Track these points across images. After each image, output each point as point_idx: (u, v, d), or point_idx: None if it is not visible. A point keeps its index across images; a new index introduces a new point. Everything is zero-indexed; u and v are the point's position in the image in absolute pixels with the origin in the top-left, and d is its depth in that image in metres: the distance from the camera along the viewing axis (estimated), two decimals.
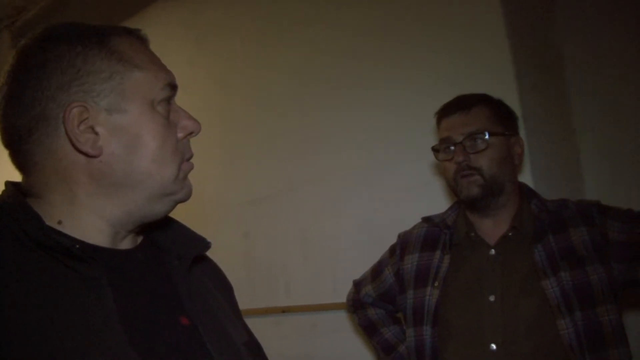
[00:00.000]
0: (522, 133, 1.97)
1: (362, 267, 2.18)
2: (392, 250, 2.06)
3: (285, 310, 2.83)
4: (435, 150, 1.88)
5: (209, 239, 1.15)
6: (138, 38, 1.03)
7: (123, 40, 0.99)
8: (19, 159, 0.98)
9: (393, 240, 2.07)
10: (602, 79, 2.53)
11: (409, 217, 2.07)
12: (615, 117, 2.51)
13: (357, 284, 2.17)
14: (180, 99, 1.08)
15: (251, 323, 1.27)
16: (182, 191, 1.03)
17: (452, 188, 1.86)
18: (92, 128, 0.93)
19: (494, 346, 1.69)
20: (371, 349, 2.43)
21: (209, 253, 1.20)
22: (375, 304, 2.11)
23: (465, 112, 1.82)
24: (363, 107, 2.60)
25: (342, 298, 2.28)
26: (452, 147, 1.81)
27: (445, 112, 1.88)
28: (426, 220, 2.00)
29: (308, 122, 2.79)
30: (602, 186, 2.50)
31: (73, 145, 0.93)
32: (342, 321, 2.65)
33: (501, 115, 1.85)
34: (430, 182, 2.41)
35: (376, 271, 2.10)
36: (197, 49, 3.27)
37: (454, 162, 1.81)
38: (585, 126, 2.58)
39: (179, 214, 1.17)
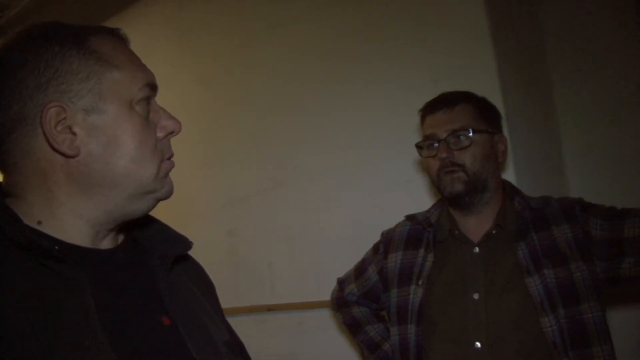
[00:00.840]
0: (505, 130, 1.98)
1: (347, 264, 2.18)
2: (376, 248, 2.05)
3: (270, 309, 2.83)
4: (418, 147, 1.88)
5: (193, 237, 1.15)
6: (117, 37, 1.03)
7: (102, 40, 0.98)
8: None
9: (378, 237, 2.07)
10: (585, 76, 2.55)
11: (394, 215, 2.07)
12: (598, 114, 2.53)
13: (341, 282, 2.16)
14: (163, 98, 1.07)
15: (236, 321, 1.28)
16: (162, 189, 1.03)
17: (436, 185, 1.86)
18: (69, 128, 0.93)
19: (478, 344, 1.69)
20: (356, 347, 2.44)
21: (193, 251, 1.20)
22: (359, 302, 2.10)
23: (450, 110, 1.82)
24: (348, 105, 2.60)
25: (328, 296, 2.28)
26: (436, 144, 1.81)
27: (429, 110, 1.88)
28: (409, 218, 2.00)
29: (293, 120, 2.79)
30: (585, 183, 2.52)
31: (50, 145, 0.93)
32: (328, 319, 2.65)
33: (485, 113, 1.85)
34: (416, 179, 2.41)
35: (360, 269, 2.09)
36: (181, 47, 3.26)
37: (437, 159, 1.81)
38: (568, 123, 2.60)
39: (164, 211, 1.16)
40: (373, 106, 2.52)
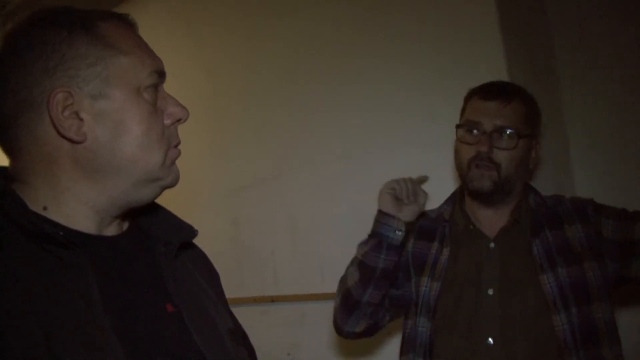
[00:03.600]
0: None
1: (350, 256, 2.16)
2: None
3: (274, 300, 2.83)
4: (458, 126, 1.82)
5: (197, 227, 1.14)
6: (125, 23, 1.02)
7: (109, 25, 0.98)
8: (6, 144, 0.98)
9: None
10: (593, 71, 2.53)
11: None
12: (605, 110, 2.51)
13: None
14: (168, 86, 1.07)
15: (240, 311, 1.27)
16: (169, 177, 1.02)
17: (461, 172, 1.81)
18: (76, 114, 0.93)
19: (491, 340, 1.68)
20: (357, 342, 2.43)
21: (197, 240, 1.20)
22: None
23: (505, 104, 1.75)
24: (352, 95, 2.59)
25: (331, 288, 2.25)
26: (475, 131, 1.75)
27: (482, 94, 1.80)
28: (421, 215, 1.95)
29: (297, 110, 2.78)
30: (592, 179, 2.50)
31: (57, 131, 0.93)
32: (331, 311, 2.63)
33: (532, 116, 1.81)
34: (420, 171, 2.40)
35: None
36: (185, 37, 3.25)
37: (474, 148, 1.75)
38: (575, 118, 2.58)
39: (168, 201, 1.16)
40: (377, 96, 2.51)
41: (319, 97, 2.70)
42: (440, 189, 2.03)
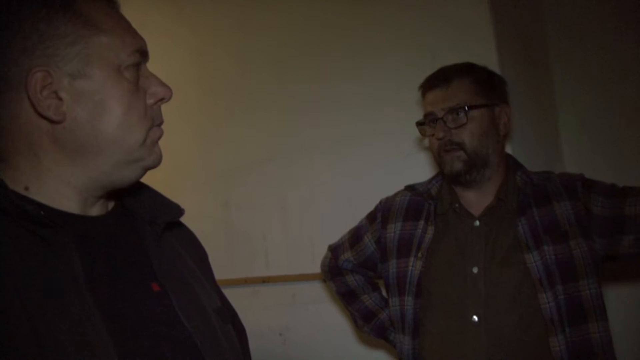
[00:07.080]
0: None
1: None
2: (372, 217, 2.03)
3: (264, 281, 2.83)
4: (420, 124, 1.87)
5: (188, 209, 1.14)
6: (106, 1, 1.00)
7: (90, 3, 0.96)
8: None
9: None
10: (584, 51, 2.54)
11: (391, 190, 2.06)
12: (595, 90, 2.52)
13: (334, 250, 2.14)
14: (158, 68, 1.05)
15: (230, 293, 1.27)
16: (150, 157, 1.01)
17: (438, 163, 1.85)
18: (55, 93, 0.92)
19: (475, 317, 1.69)
20: (347, 318, 2.44)
21: (188, 222, 1.19)
22: (355, 270, 2.08)
23: (446, 87, 1.79)
24: (345, 79, 2.58)
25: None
26: (434, 123, 1.80)
27: (427, 86, 1.86)
28: (409, 188, 1.98)
29: (289, 93, 2.76)
30: (581, 158, 2.52)
31: (36, 110, 0.91)
32: (321, 291, 2.65)
33: (483, 86, 1.81)
34: (413, 153, 2.41)
35: (355, 237, 2.07)
36: (177, 19, 3.21)
37: (436, 138, 1.80)
38: (565, 98, 2.59)
39: (159, 182, 1.15)
40: (371, 80, 2.50)
41: (312, 80, 2.68)
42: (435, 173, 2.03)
